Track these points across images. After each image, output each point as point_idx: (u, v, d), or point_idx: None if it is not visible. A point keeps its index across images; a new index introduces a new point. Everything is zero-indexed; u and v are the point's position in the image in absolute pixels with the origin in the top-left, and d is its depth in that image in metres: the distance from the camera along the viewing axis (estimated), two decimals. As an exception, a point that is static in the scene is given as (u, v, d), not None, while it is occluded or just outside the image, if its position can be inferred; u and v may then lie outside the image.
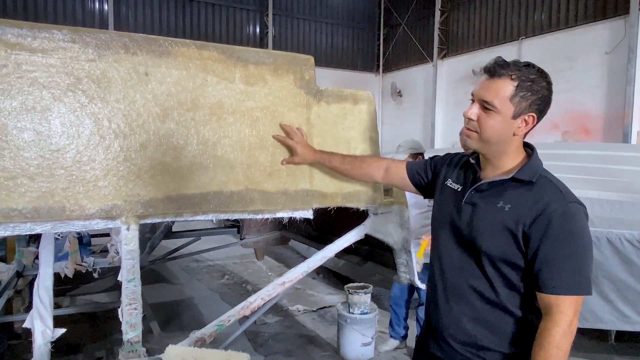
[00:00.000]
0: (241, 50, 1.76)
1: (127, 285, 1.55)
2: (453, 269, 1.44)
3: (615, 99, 9.69)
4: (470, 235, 1.37)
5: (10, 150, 1.37)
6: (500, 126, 1.31)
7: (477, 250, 1.36)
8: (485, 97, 1.30)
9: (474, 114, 1.34)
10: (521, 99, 1.28)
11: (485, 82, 1.32)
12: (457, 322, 1.42)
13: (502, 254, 1.31)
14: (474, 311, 1.39)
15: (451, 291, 1.44)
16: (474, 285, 1.38)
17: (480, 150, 1.40)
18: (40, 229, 1.43)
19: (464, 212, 1.41)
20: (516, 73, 1.27)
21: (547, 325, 1.25)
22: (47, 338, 1.66)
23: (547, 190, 1.30)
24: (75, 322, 3.95)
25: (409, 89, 15.98)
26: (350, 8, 16.83)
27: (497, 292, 1.34)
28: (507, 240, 1.30)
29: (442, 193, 1.55)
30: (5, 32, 1.36)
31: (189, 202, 1.64)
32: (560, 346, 1.22)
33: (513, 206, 1.30)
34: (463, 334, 1.41)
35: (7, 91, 1.36)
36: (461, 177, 1.51)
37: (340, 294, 5.04)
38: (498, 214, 1.33)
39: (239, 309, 1.88)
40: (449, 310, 1.44)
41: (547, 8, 11.21)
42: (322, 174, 1.92)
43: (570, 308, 1.24)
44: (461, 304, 1.41)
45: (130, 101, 1.54)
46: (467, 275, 1.40)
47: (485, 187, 1.39)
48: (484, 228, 1.34)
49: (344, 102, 1.99)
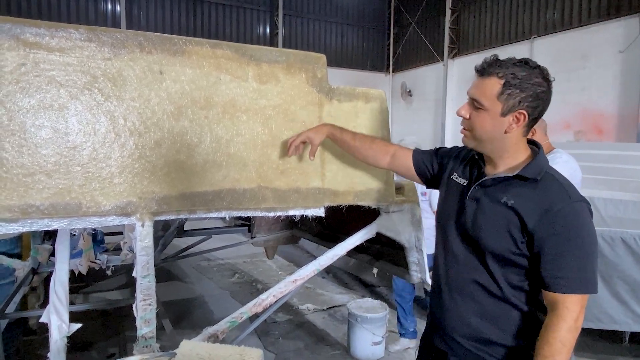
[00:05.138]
0: (254, 49, 1.77)
1: (142, 281, 1.57)
2: (457, 264, 1.44)
3: (629, 98, 9.55)
4: (474, 232, 1.38)
5: (28, 148, 1.40)
6: (489, 124, 1.33)
7: (478, 246, 1.37)
8: (474, 95, 1.34)
9: (465, 112, 1.38)
10: (508, 96, 1.29)
11: (475, 82, 1.36)
12: (461, 317, 1.43)
13: (505, 250, 1.31)
14: (478, 305, 1.39)
15: (455, 286, 1.45)
16: (478, 280, 1.39)
17: (477, 148, 1.43)
18: (57, 225, 1.45)
19: (468, 208, 1.41)
20: (503, 71, 1.29)
21: (552, 321, 1.25)
22: (63, 333, 1.68)
23: (552, 188, 1.30)
24: (89, 319, 4.00)
25: (419, 89, 15.92)
26: (360, 8, 16.81)
27: (501, 287, 1.35)
28: (510, 237, 1.30)
29: (448, 187, 1.55)
30: (23, 31, 1.39)
31: (203, 199, 1.66)
32: (565, 342, 1.22)
33: (517, 203, 1.30)
34: (467, 328, 1.41)
35: (25, 89, 1.39)
36: (467, 172, 1.51)
37: (350, 293, 5.04)
38: (501, 210, 1.32)
39: (251, 306, 1.90)
40: (453, 304, 1.45)
41: (559, 6, 11.09)
42: (334, 172, 1.93)
43: (577, 305, 1.24)
44: (465, 298, 1.42)
45: (145, 99, 1.56)
46: (471, 270, 1.40)
47: (489, 183, 1.39)
48: (487, 224, 1.35)
49: (355, 100, 2.00)
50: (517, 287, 1.35)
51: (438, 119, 14.83)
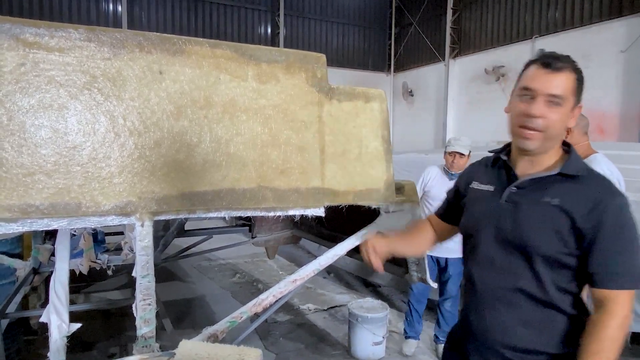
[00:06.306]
0: (254, 48, 1.77)
1: (141, 281, 1.57)
2: (497, 273, 1.36)
3: (631, 98, 9.53)
4: (517, 235, 1.31)
5: (28, 147, 1.40)
6: (563, 120, 1.28)
7: (524, 249, 1.30)
8: (553, 91, 1.24)
9: (542, 111, 1.25)
10: (579, 91, 1.28)
11: (546, 77, 1.25)
12: (505, 327, 1.35)
13: (555, 252, 1.27)
14: (523, 314, 1.32)
15: (497, 295, 1.36)
16: (522, 287, 1.31)
17: (537, 150, 1.31)
18: (57, 224, 1.45)
19: (505, 212, 1.34)
20: (572, 65, 1.26)
21: (602, 318, 1.21)
22: (63, 332, 1.68)
23: (596, 184, 1.27)
24: (89, 319, 4.00)
25: (421, 89, 15.91)
26: (361, 8, 16.81)
27: (546, 291, 1.29)
28: (557, 236, 1.25)
29: (471, 197, 1.48)
30: (23, 31, 1.39)
31: (202, 199, 1.66)
32: (615, 339, 1.19)
33: (562, 201, 1.26)
34: (513, 338, 1.33)
35: (25, 89, 1.39)
36: (491, 177, 1.44)
37: (351, 293, 5.03)
38: (545, 210, 1.28)
39: (251, 306, 1.89)
40: (496, 315, 1.36)
41: (561, 6, 11.07)
42: (334, 172, 1.92)
43: (627, 301, 1.21)
44: (510, 307, 1.34)
45: (144, 99, 1.56)
46: (514, 278, 1.33)
47: (527, 184, 1.33)
48: (532, 225, 1.29)
49: (355, 100, 1.99)
50: (564, 289, 1.29)
51: (439, 119, 14.81)
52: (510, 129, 1.35)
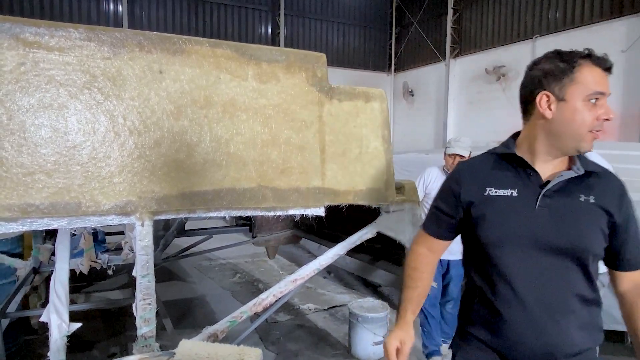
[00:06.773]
0: (254, 48, 1.77)
1: (141, 280, 1.57)
2: (548, 283, 1.29)
3: (631, 98, 9.52)
4: (565, 239, 1.27)
5: (28, 147, 1.40)
6: None
7: (576, 252, 1.27)
8: (609, 93, 1.26)
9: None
10: None
11: (606, 78, 1.26)
12: (565, 336, 1.29)
13: (600, 247, 1.30)
14: (577, 319, 1.30)
15: (553, 307, 1.29)
16: (577, 291, 1.29)
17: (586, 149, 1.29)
18: (57, 224, 1.45)
19: (542, 218, 1.28)
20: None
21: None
22: (63, 332, 1.68)
23: (613, 179, 1.35)
24: (90, 318, 4.01)
25: (421, 89, 15.90)
26: (361, 7, 16.81)
27: (595, 289, 1.34)
28: (602, 232, 1.29)
29: (491, 205, 1.34)
30: (23, 30, 1.39)
31: (202, 198, 1.66)
32: None
33: (597, 198, 1.29)
34: (572, 345, 1.30)
35: (25, 89, 1.39)
36: (510, 180, 1.34)
37: (351, 293, 5.03)
38: (586, 209, 1.28)
39: (251, 306, 1.89)
40: (554, 326, 1.29)
41: (561, 5, 11.08)
42: (334, 172, 1.92)
43: None
44: (567, 315, 1.29)
45: (144, 99, 1.56)
46: (567, 284, 1.29)
47: (562, 185, 1.29)
48: (580, 226, 1.27)
49: (356, 99, 1.99)
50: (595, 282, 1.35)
51: (440, 118, 14.81)
52: (572, 133, 1.26)
